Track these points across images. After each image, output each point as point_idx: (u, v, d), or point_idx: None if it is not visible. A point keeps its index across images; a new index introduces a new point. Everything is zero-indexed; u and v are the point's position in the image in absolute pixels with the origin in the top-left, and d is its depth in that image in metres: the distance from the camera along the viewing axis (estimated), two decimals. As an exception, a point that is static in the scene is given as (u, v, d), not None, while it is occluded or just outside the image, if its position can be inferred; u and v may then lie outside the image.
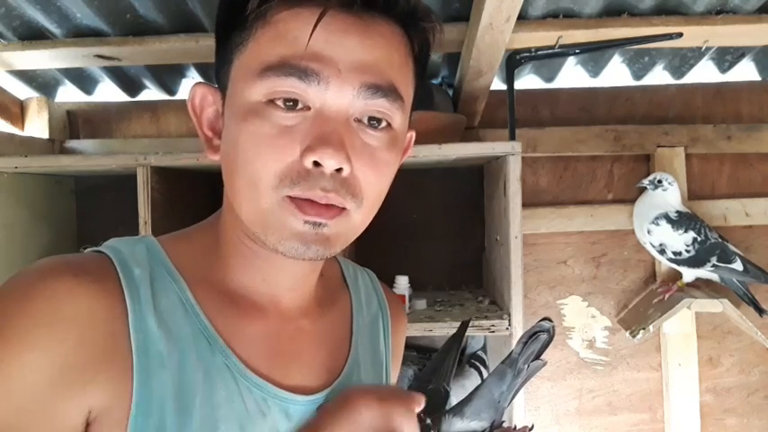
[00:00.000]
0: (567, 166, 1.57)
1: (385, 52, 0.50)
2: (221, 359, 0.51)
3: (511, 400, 0.56)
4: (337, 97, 0.48)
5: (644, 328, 1.38)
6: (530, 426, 0.56)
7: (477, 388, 0.57)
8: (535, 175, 1.56)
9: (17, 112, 1.52)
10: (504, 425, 0.57)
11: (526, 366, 0.56)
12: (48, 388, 0.43)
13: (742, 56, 1.48)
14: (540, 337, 0.57)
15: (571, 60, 1.47)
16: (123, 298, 0.47)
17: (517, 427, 0.56)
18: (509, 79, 1.32)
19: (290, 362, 0.56)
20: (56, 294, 0.45)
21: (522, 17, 1.19)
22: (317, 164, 0.47)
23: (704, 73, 1.55)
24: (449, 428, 0.55)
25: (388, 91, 0.49)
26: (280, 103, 0.47)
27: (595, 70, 1.51)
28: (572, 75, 1.55)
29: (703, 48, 1.35)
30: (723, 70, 1.54)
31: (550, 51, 1.27)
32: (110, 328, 0.46)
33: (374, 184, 0.51)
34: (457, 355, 0.61)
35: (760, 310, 1.39)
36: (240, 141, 0.48)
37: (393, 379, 0.71)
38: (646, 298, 1.51)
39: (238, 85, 0.49)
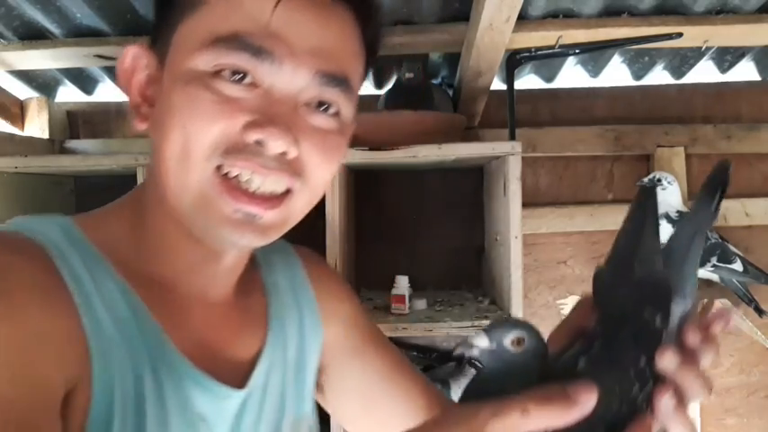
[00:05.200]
0: (567, 166, 1.57)
1: (342, 40, 0.48)
2: (167, 348, 0.47)
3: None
4: (290, 80, 0.45)
5: (644, 328, 1.38)
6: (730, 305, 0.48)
7: (685, 254, 0.44)
8: (535, 175, 1.56)
9: (17, 112, 1.52)
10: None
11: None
12: (27, 353, 0.38)
13: (742, 56, 1.48)
14: (726, 180, 0.45)
15: (571, 60, 1.47)
16: (63, 279, 0.43)
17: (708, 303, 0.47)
18: (509, 79, 1.32)
19: (217, 353, 0.52)
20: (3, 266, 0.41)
21: (522, 17, 1.19)
22: (258, 143, 0.44)
23: (704, 73, 1.55)
24: (673, 316, 0.43)
25: (342, 81, 0.48)
26: (226, 74, 0.44)
27: (595, 70, 1.51)
28: (572, 75, 1.55)
29: (703, 48, 1.35)
30: (723, 70, 1.54)
31: (550, 51, 1.27)
32: (60, 305, 0.42)
33: (322, 169, 0.49)
34: (656, 226, 0.44)
35: (760, 311, 1.39)
36: (177, 107, 0.45)
37: (328, 340, 0.64)
38: (646, 298, 1.50)
39: (182, 52, 0.46)
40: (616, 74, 1.54)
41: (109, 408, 0.42)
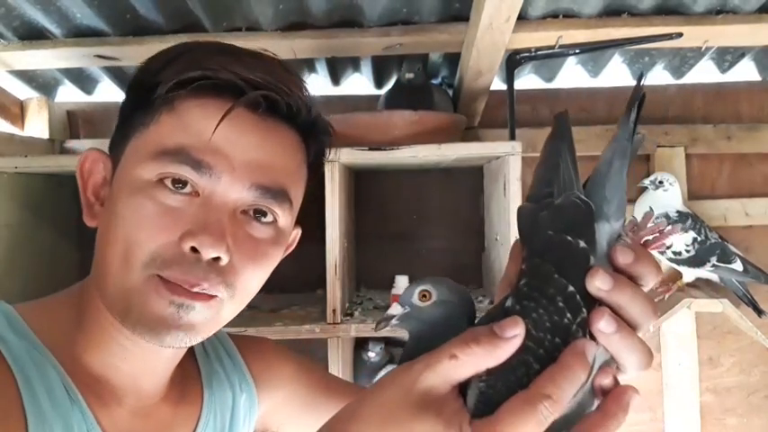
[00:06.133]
0: (567, 166, 1.57)
1: (281, 156, 0.52)
2: None
3: None
4: (227, 190, 0.49)
5: (644, 328, 1.38)
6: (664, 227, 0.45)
7: (605, 175, 0.44)
8: (535, 175, 1.56)
9: (17, 112, 1.52)
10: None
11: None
12: None
13: (742, 56, 1.48)
14: (640, 93, 0.44)
15: (571, 60, 1.47)
16: (6, 361, 0.46)
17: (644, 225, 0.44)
18: (509, 79, 1.32)
19: None
20: None
21: (522, 17, 1.19)
22: (194, 250, 0.47)
23: (704, 73, 1.55)
24: (600, 239, 0.41)
25: (277, 193, 0.51)
26: (168, 183, 0.48)
27: (595, 70, 1.51)
28: (572, 75, 1.54)
29: (703, 48, 1.35)
30: (723, 70, 1.54)
31: (550, 51, 1.27)
32: (3, 387, 0.44)
33: (251, 276, 0.51)
34: (573, 157, 0.45)
35: (759, 311, 1.39)
36: (122, 214, 0.48)
37: (277, 405, 0.71)
38: (646, 298, 1.50)
39: (131, 162, 0.50)
40: (616, 74, 1.54)
41: None
